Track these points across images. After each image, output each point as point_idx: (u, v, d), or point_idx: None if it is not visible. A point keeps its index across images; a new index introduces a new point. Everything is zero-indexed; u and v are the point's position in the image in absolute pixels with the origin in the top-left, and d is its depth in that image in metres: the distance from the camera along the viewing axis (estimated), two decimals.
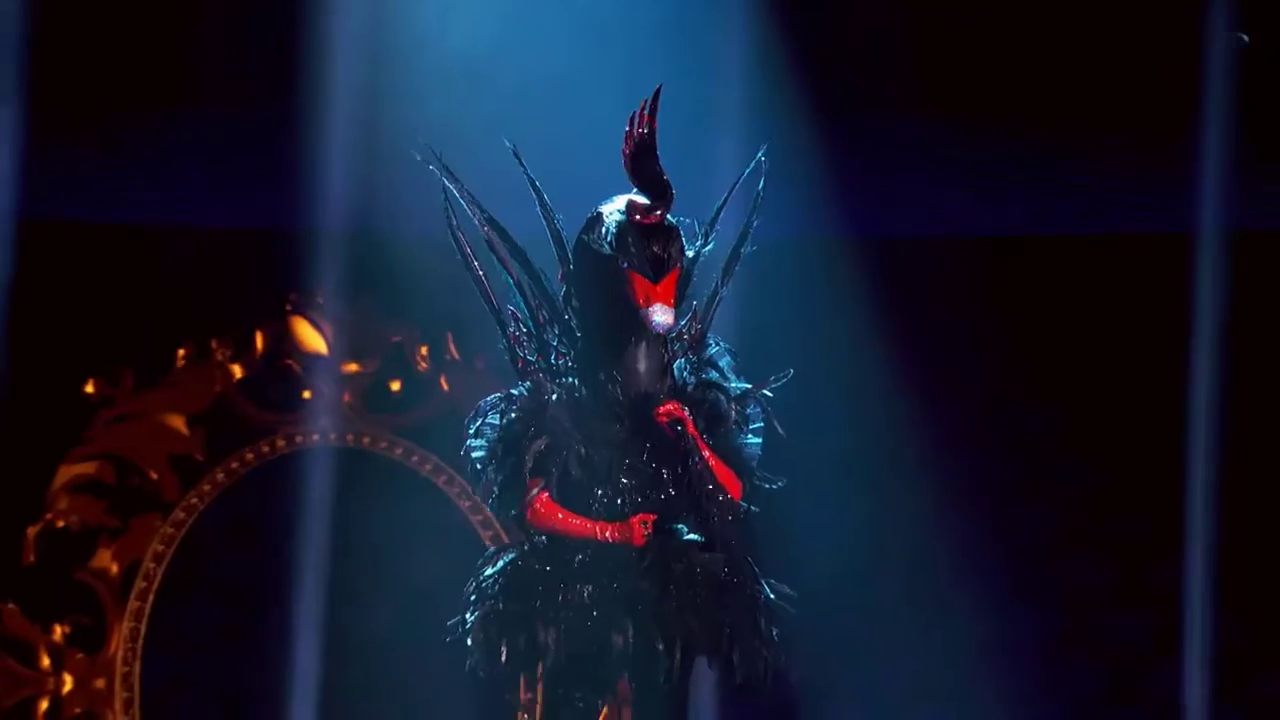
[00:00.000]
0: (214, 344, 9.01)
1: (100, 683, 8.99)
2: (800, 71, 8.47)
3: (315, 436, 9.34)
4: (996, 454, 9.45)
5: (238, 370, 9.01)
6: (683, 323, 5.93)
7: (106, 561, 9.02)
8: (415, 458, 9.44)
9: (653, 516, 5.73)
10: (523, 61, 7.82)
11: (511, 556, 5.78)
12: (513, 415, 5.77)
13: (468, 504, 9.40)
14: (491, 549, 5.84)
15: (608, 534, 5.72)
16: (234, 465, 9.01)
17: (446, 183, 5.88)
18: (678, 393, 5.83)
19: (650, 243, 5.75)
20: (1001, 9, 8.65)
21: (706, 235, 5.94)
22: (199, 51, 8.26)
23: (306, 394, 9.26)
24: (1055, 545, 9.36)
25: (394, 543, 9.33)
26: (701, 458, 5.73)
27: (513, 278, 5.89)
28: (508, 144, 5.86)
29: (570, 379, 5.82)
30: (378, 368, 9.40)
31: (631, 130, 5.77)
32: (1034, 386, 9.42)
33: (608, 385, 5.75)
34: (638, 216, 5.79)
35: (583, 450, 5.71)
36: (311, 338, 9.28)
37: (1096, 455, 9.38)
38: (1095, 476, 9.37)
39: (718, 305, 5.97)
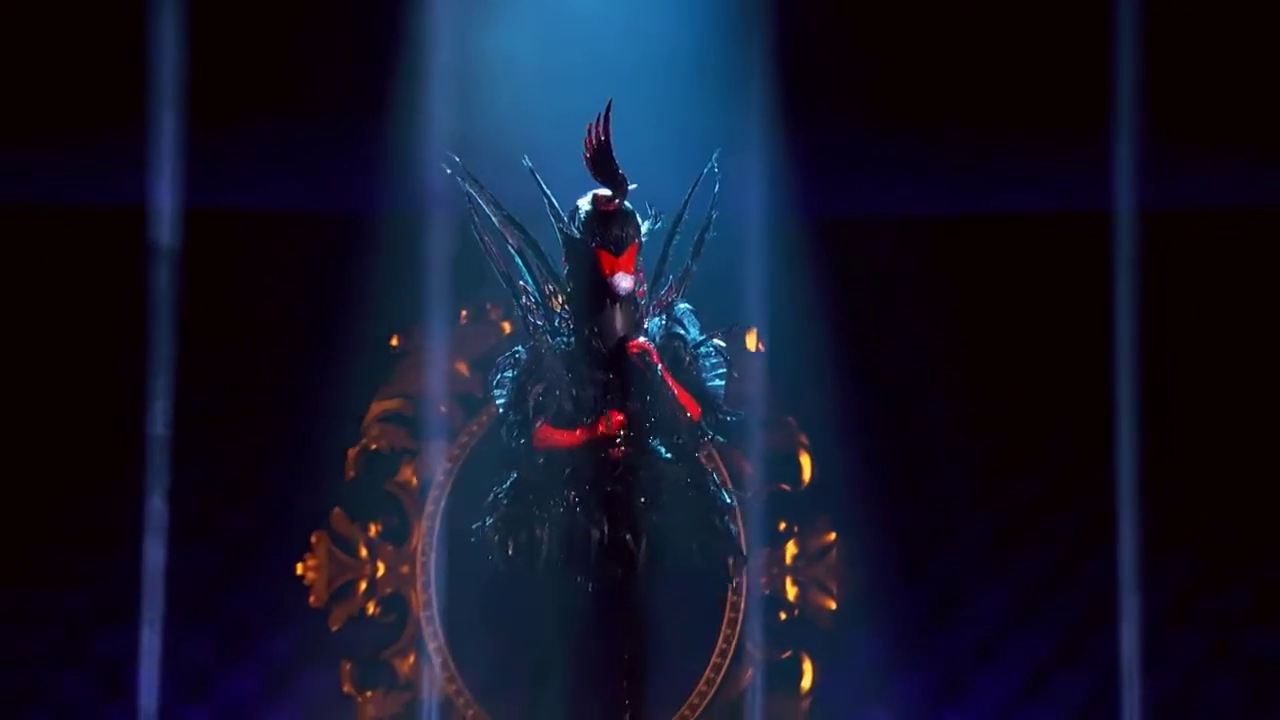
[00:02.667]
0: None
1: (405, 569, 9.59)
2: (791, 87, 8.67)
3: None
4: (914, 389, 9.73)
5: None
6: (661, 291, 6.57)
7: (408, 476, 9.64)
8: None
9: (620, 416, 6.38)
10: (575, 80, 7.77)
11: (517, 474, 6.50)
12: (519, 369, 6.48)
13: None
14: (504, 471, 6.58)
15: (583, 435, 6.37)
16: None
17: (469, 189, 6.49)
18: (650, 341, 6.45)
19: (611, 226, 6.39)
20: (938, 23, 8.65)
21: (677, 220, 6.56)
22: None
23: None
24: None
25: None
26: (663, 381, 6.39)
27: (524, 261, 6.56)
28: (526, 163, 6.47)
29: (568, 336, 6.46)
30: None
31: (590, 137, 6.34)
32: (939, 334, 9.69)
33: (591, 340, 6.44)
34: (600, 205, 6.40)
35: (574, 390, 6.42)
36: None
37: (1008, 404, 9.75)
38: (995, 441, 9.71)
39: (688, 277, 6.63)
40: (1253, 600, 9.65)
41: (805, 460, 9.91)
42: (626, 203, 6.42)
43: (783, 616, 9.89)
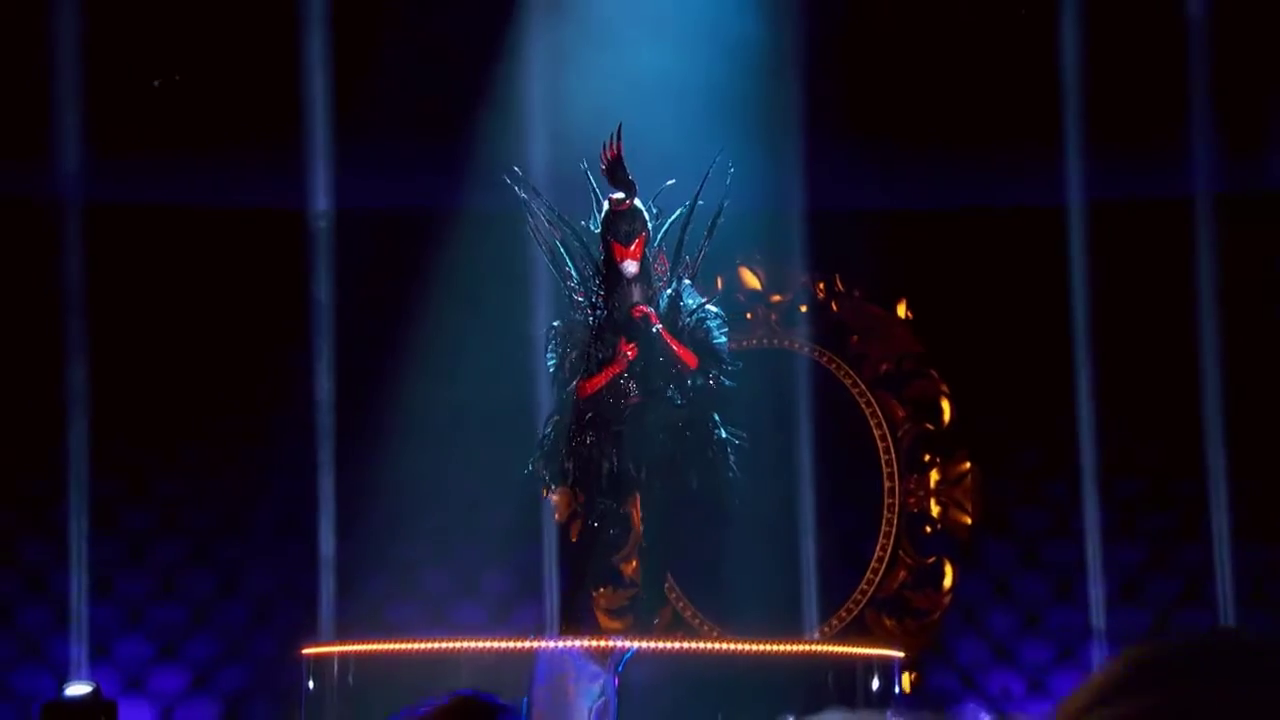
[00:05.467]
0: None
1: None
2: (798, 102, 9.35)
3: (753, 341, 10.62)
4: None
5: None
6: (680, 268, 7.24)
7: None
8: (814, 353, 10.81)
9: (631, 350, 6.91)
10: (643, 106, 8.11)
11: (556, 416, 7.24)
12: (558, 339, 7.14)
13: (848, 379, 10.73)
14: (548, 414, 7.26)
15: (606, 376, 6.94)
16: None
17: (523, 194, 7.22)
18: (657, 311, 7.05)
19: (621, 222, 7.12)
20: (910, 49, 9.28)
21: (690, 211, 7.15)
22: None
23: (748, 315, 10.64)
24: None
25: (791, 402, 10.29)
26: (660, 337, 7.02)
27: (569, 251, 7.26)
28: (583, 165, 7.15)
29: (603, 309, 7.14)
30: (792, 297, 10.77)
31: (605, 152, 7.05)
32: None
33: (613, 312, 7.14)
34: (614, 206, 7.10)
35: (601, 354, 7.11)
36: (750, 279, 10.73)
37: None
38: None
39: (702, 257, 7.36)
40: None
41: (946, 404, 10.82)
42: (636, 202, 7.21)
43: (928, 530, 10.67)
